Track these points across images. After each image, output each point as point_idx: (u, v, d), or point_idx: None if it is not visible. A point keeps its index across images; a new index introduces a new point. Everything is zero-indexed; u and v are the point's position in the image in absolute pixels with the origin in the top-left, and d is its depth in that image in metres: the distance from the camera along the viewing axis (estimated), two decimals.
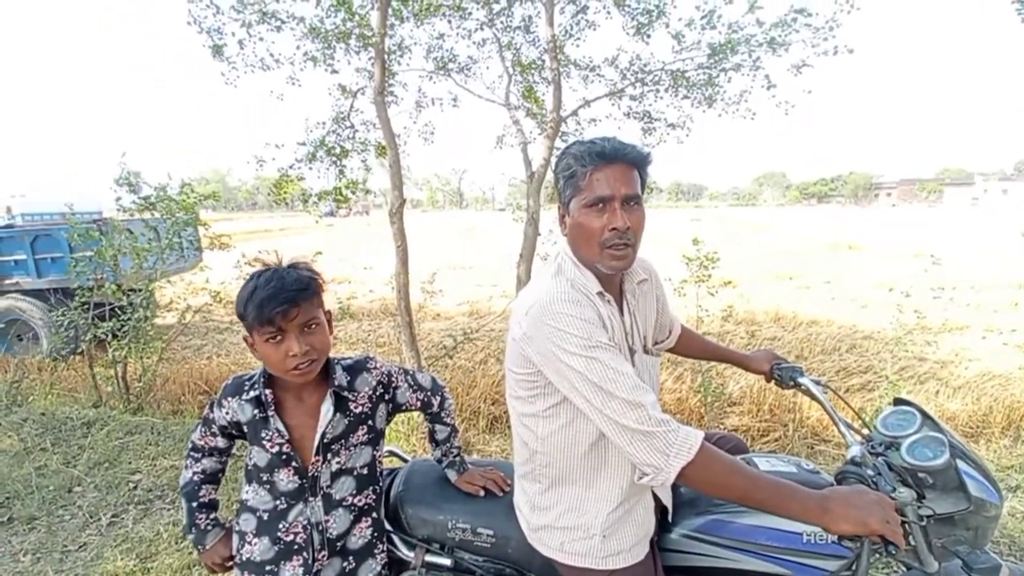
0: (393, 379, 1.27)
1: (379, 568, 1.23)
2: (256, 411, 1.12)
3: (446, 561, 1.27)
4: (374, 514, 1.24)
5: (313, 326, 1.09)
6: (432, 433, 1.41)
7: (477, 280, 10.88)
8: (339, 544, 1.17)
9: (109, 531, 2.55)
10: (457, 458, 1.41)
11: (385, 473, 1.43)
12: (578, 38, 4.61)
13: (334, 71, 4.22)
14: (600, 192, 1.05)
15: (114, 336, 4.15)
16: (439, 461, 1.42)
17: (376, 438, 1.24)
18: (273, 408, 1.12)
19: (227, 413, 1.14)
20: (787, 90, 4.33)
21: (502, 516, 1.29)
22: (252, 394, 1.12)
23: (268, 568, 1.13)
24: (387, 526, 1.32)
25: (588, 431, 1.09)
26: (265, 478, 1.14)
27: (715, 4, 4.14)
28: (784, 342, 6.44)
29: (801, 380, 1.49)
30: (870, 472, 1.15)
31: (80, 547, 2.45)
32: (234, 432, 1.18)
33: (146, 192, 4.50)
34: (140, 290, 4.75)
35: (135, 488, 2.90)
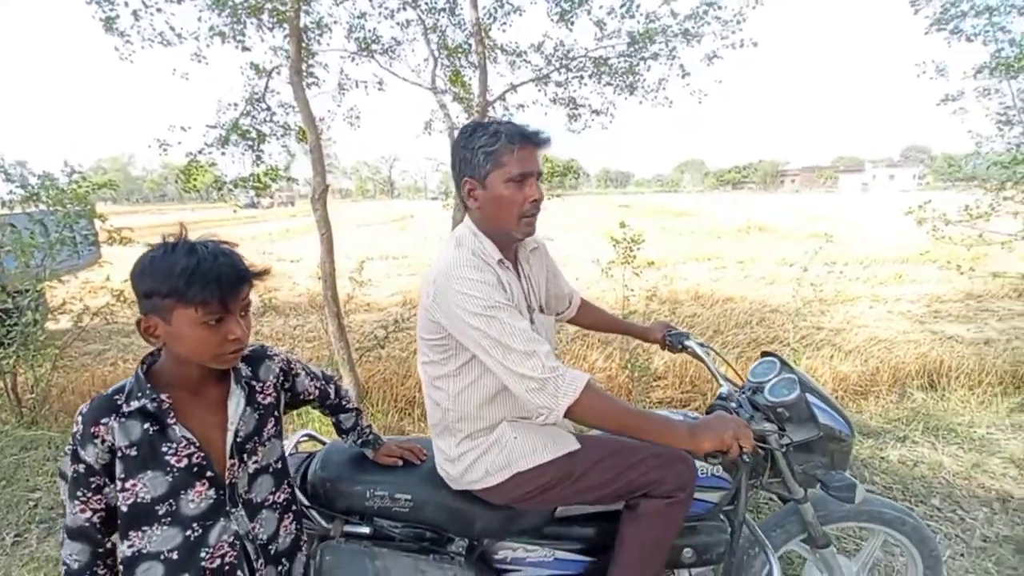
0: (292, 367, 1.21)
1: (305, 562, 1.18)
2: (147, 425, 0.94)
3: (365, 529, 1.31)
4: (293, 507, 1.17)
5: (248, 310, 1.01)
6: (338, 425, 1.39)
7: (411, 270, 10.69)
8: (271, 549, 1.08)
9: (14, 551, 2.32)
10: (371, 436, 1.42)
11: (303, 457, 1.45)
12: (504, 22, 4.60)
13: (245, 48, 3.94)
14: (525, 168, 1.19)
15: (0, 344, 3.69)
16: (354, 444, 1.42)
17: (281, 429, 1.16)
18: (170, 416, 0.96)
19: (102, 442, 0.92)
20: (702, 80, 4.60)
21: (419, 482, 1.36)
22: (134, 406, 0.94)
23: None
24: (305, 502, 1.32)
25: (492, 383, 1.22)
26: (163, 511, 0.95)
27: None
28: (702, 318, 6.89)
29: (688, 343, 1.70)
30: (733, 405, 1.41)
31: None
32: (108, 474, 0.95)
33: (31, 183, 4.01)
34: (27, 291, 4.24)
35: (35, 506, 2.63)
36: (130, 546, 0.95)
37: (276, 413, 1.13)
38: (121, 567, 0.97)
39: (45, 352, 3.97)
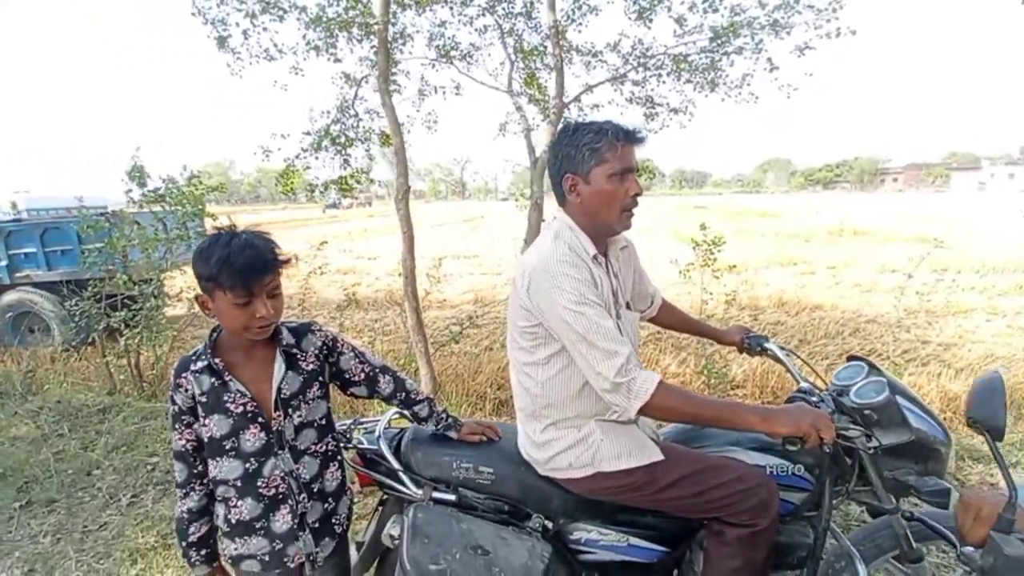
0: (338, 345, 1.35)
1: (349, 504, 1.37)
2: (212, 379, 1.16)
3: (451, 497, 1.38)
4: (338, 458, 1.35)
5: (276, 292, 1.16)
6: (416, 416, 1.49)
7: (482, 269, 10.92)
8: (315, 487, 1.26)
9: (129, 511, 2.64)
10: (450, 420, 1.51)
11: (396, 431, 1.57)
12: (580, 23, 4.60)
13: (337, 60, 4.24)
14: (628, 163, 1.24)
15: (126, 326, 4.22)
16: (436, 431, 1.50)
17: (327, 393, 1.33)
18: (228, 373, 1.17)
19: (186, 391, 1.17)
20: (790, 73, 4.33)
21: (500, 457, 1.43)
22: (201, 364, 1.17)
23: (259, 524, 1.20)
24: (397, 467, 1.43)
25: (581, 375, 1.26)
26: (229, 446, 1.17)
27: None
28: (787, 327, 6.47)
29: (768, 346, 1.67)
30: (814, 399, 1.38)
31: (101, 527, 2.54)
32: (194, 414, 1.19)
33: (154, 185, 4.55)
34: (151, 281, 4.83)
35: (153, 470, 2.99)
36: (213, 470, 1.20)
37: (320, 379, 1.30)
38: (205, 484, 1.24)
39: (164, 334, 4.48)
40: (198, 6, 3.86)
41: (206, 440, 1.18)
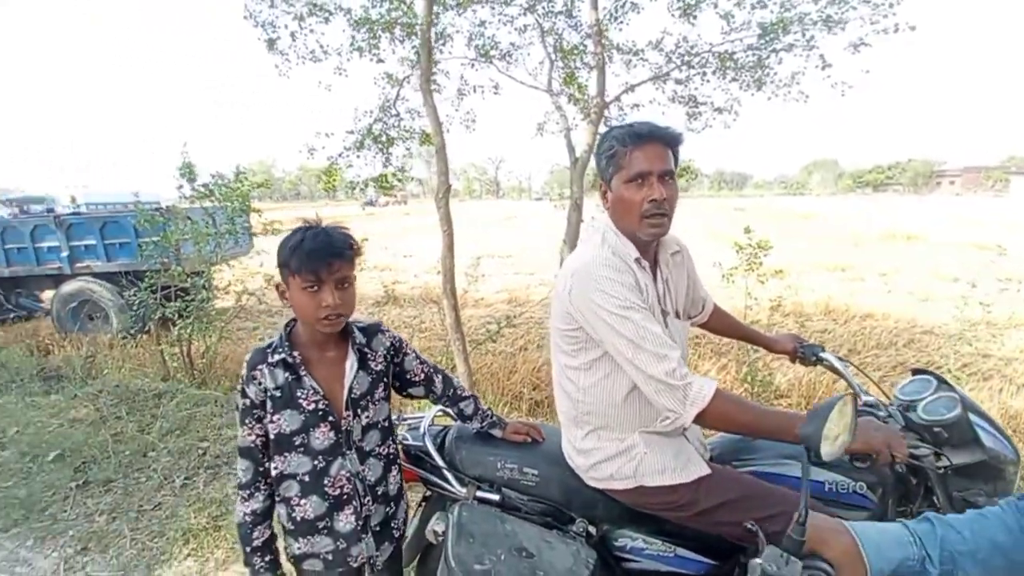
0: (403, 346, 1.37)
1: (406, 508, 1.40)
2: (287, 374, 1.17)
3: (495, 496, 1.38)
4: (398, 462, 1.36)
5: (347, 284, 1.17)
6: (460, 414, 1.49)
7: (515, 268, 10.94)
8: (379, 490, 1.28)
9: (182, 492, 2.77)
10: (495, 418, 1.51)
11: (440, 428, 1.58)
12: (621, 21, 4.54)
13: (379, 60, 4.32)
14: (639, 168, 1.19)
15: (179, 316, 4.43)
16: (480, 429, 1.51)
17: (390, 395, 1.35)
18: (303, 368, 1.18)
19: (259, 383, 1.17)
20: (842, 71, 4.14)
21: (545, 459, 1.42)
22: (277, 358, 1.17)
23: (323, 524, 1.21)
24: (441, 464, 1.44)
25: (624, 382, 1.22)
26: (299, 441, 1.18)
27: None
28: (835, 335, 6.21)
29: (823, 356, 1.60)
30: (882, 414, 1.30)
31: (155, 506, 2.67)
32: (263, 408, 1.19)
33: (202, 181, 4.76)
34: (201, 274, 5.05)
35: (204, 454, 3.12)
36: (275, 468, 1.21)
37: (385, 380, 1.32)
38: (269, 483, 1.23)
39: (213, 325, 4.68)
40: (250, 10, 4.01)
41: (273, 436, 1.18)
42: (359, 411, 1.24)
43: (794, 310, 7.07)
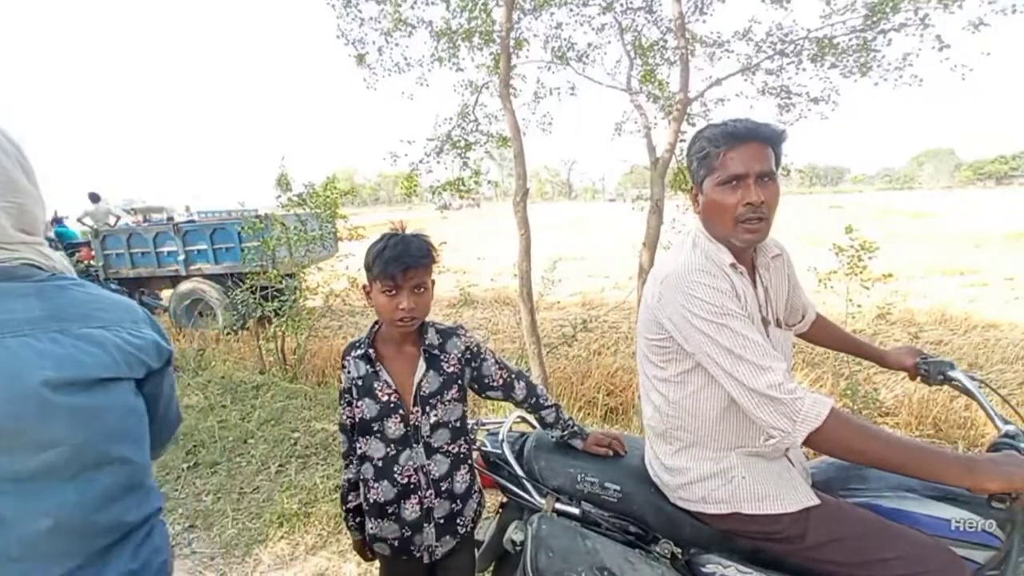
0: (481, 351, 1.38)
1: (476, 507, 1.40)
2: (367, 366, 1.28)
3: (575, 510, 1.33)
4: (469, 462, 1.37)
5: (422, 289, 1.24)
6: (541, 421, 1.47)
7: (588, 271, 10.78)
8: (443, 486, 1.30)
9: (277, 478, 2.98)
10: (576, 428, 1.47)
11: (518, 435, 1.57)
12: (706, 12, 4.32)
13: (459, 69, 4.43)
14: (733, 170, 1.10)
15: (275, 314, 4.80)
16: (560, 438, 1.47)
17: (465, 396, 1.36)
18: (380, 363, 1.28)
19: (348, 372, 1.31)
20: (959, 52, 3.67)
21: (629, 475, 1.35)
22: (360, 351, 1.30)
23: (391, 509, 1.29)
24: (520, 473, 1.42)
25: (720, 396, 1.12)
26: (376, 427, 1.28)
27: None
28: (953, 347, 5.53)
29: (953, 374, 1.39)
30: (1023, 445, 1.12)
31: (254, 490, 2.89)
32: (351, 393, 1.32)
33: (296, 190, 5.13)
34: (294, 275, 5.44)
35: (295, 444, 3.34)
36: (359, 448, 1.32)
37: (459, 382, 1.33)
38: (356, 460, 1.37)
39: (304, 324, 5.02)
40: (342, 29, 4.26)
41: (358, 420, 1.30)
42: (427, 408, 1.28)
43: (902, 318, 6.38)
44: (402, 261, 1.19)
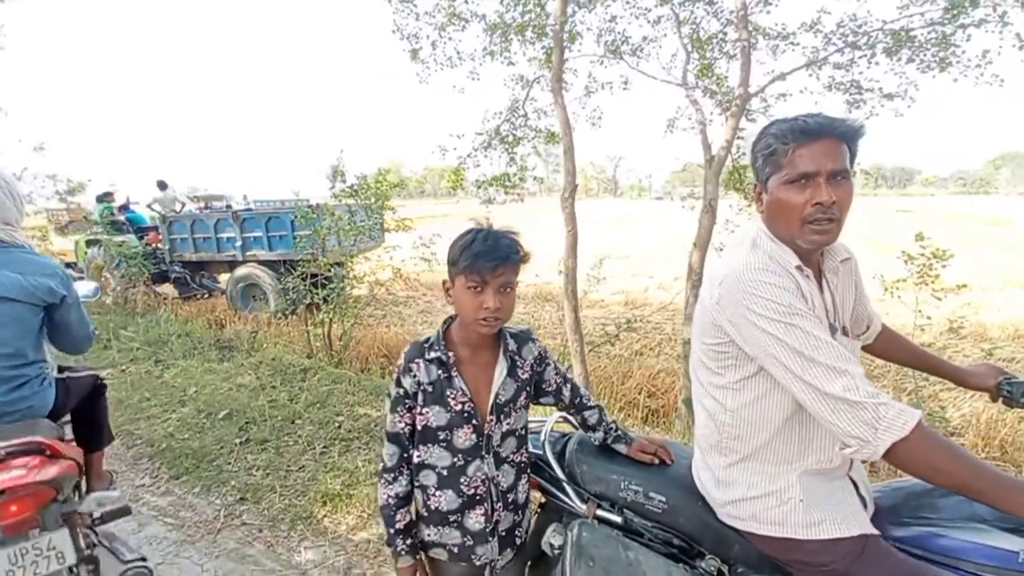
0: (546, 356, 1.34)
1: (532, 519, 1.38)
2: (440, 371, 1.19)
3: (616, 518, 1.29)
4: (528, 470, 1.34)
5: (508, 289, 1.17)
6: (584, 422, 1.43)
7: (633, 270, 10.60)
8: (510, 497, 1.27)
9: (321, 459, 3.08)
10: (619, 432, 1.43)
11: (559, 436, 1.53)
12: (770, 3, 4.13)
13: (510, 63, 4.41)
14: (803, 168, 1.02)
15: (324, 301, 4.96)
16: (603, 440, 1.43)
17: (529, 403, 1.33)
18: (456, 368, 1.20)
19: (414, 376, 1.20)
20: None
21: (676, 486, 1.29)
22: (433, 355, 1.20)
23: (454, 518, 1.23)
24: (562, 477, 1.39)
25: (783, 404, 1.06)
26: (443, 436, 1.20)
27: None
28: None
29: None
30: None
31: (300, 468, 3.00)
32: (415, 399, 1.21)
33: (349, 182, 5.27)
34: (342, 264, 5.60)
35: (339, 427, 3.45)
36: (418, 456, 1.24)
37: (529, 388, 1.30)
38: (411, 469, 1.27)
39: (350, 312, 5.16)
40: (398, 24, 4.33)
41: (420, 428, 1.22)
42: (502, 417, 1.23)
43: (973, 332, 5.94)
44: (492, 256, 1.12)
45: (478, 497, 1.23)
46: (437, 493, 1.23)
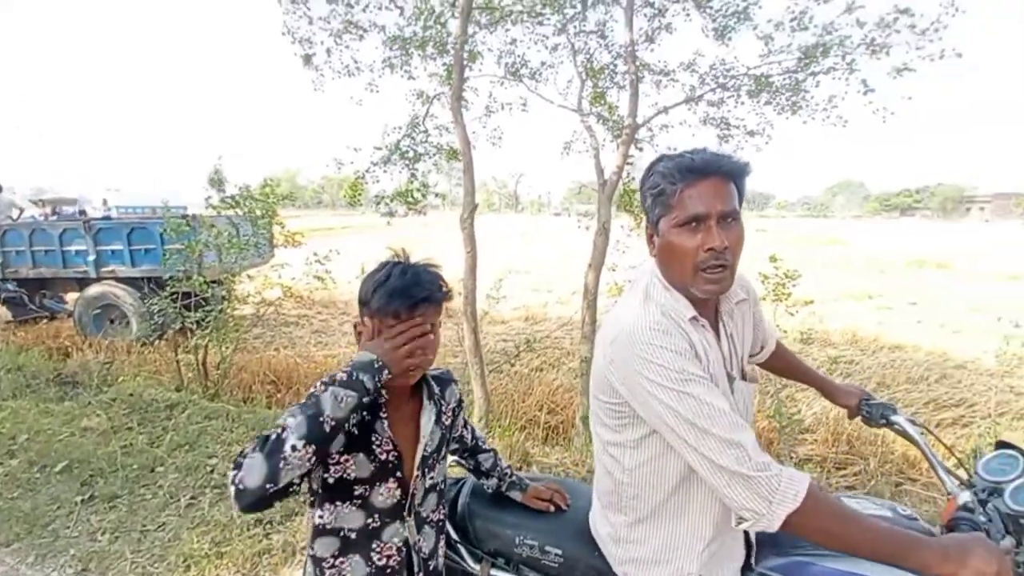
0: (463, 400, 1.25)
1: None
2: (367, 414, 1.02)
3: None
4: (444, 530, 1.21)
5: (434, 330, 1.05)
6: (477, 467, 1.36)
7: (534, 285, 10.84)
8: (431, 565, 1.13)
9: (187, 513, 2.68)
10: (514, 478, 1.37)
11: (451, 482, 1.41)
12: (654, 42, 4.47)
13: (411, 77, 4.31)
14: (693, 210, 0.98)
15: (198, 325, 4.41)
16: (497, 488, 1.36)
17: (448, 452, 1.22)
18: (384, 410, 1.03)
19: None
20: (880, 95, 4.02)
21: (571, 537, 1.25)
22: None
23: None
24: (454, 536, 1.30)
25: (678, 465, 1.03)
26: (359, 492, 1.03)
27: (806, 4, 3.90)
28: (863, 367, 5.98)
29: (894, 419, 1.39)
30: (982, 519, 1.09)
31: (159, 527, 2.58)
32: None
33: (230, 191, 4.78)
34: (222, 283, 5.04)
35: (212, 472, 3.04)
36: (320, 518, 1.04)
37: (450, 435, 1.20)
38: (311, 531, 1.07)
39: (231, 335, 4.64)
40: (288, 26, 4.04)
41: (333, 480, 1.01)
42: (427, 470, 1.10)
43: (819, 339, 6.85)
44: (410, 294, 0.99)
45: (390, 570, 1.06)
46: (339, 562, 1.04)
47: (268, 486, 0.83)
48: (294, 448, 0.84)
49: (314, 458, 0.87)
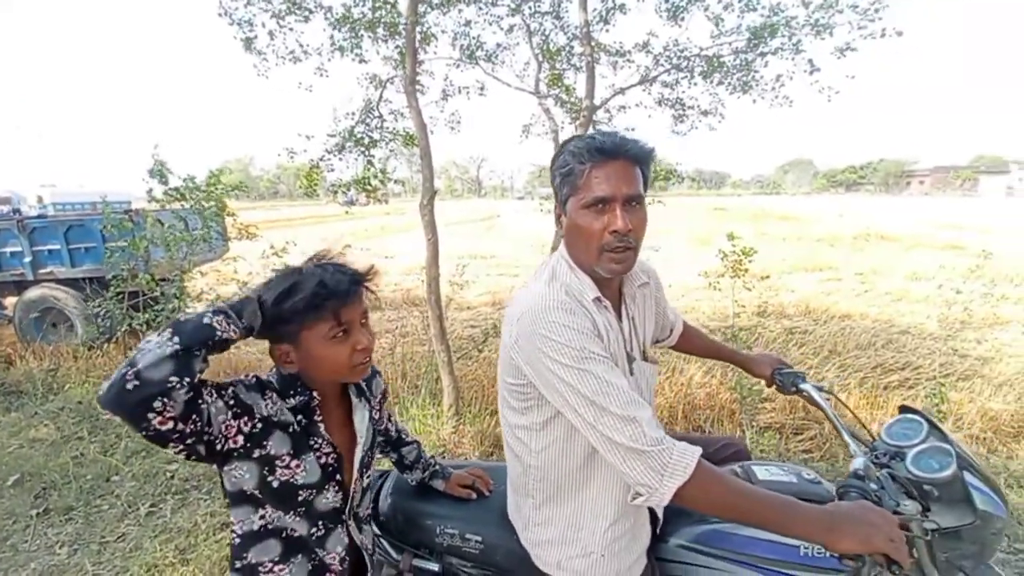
0: (387, 391, 1.22)
1: None
2: (299, 417, 0.97)
3: (434, 567, 1.26)
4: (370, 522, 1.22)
5: (367, 319, 1.02)
6: (401, 460, 1.35)
7: (499, 270, 10.83)
8: (375, 559, 1.15)
9: (148, 521, 2.59)
10: (437, 467, 1.37)
11: (375, 476, 1.41)
12: (608, 22, 4.47)
13: (363, 61, 4.16)
14: (599, 192, 1.00)
15: (147, 326, 4.21)
16: (420, 481, 1.37)
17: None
18: (320, 413, 0.99)
19: (266, 409, 0.93)
20: (826, 75, 4.16)
21: (491, 523, 1.27)
22: (300, 399, 0.98)
23: None
24: (375, 530, 1.30)
25: (582, 445, 1.06)
26: (302, 498, 0.97)
27: None
28: (815, 336, 6.26)
29: (803, 386, 1.44)
30: (873, 486, 1.09)
31: (119, 538, 2.49)
32: (269, 430, 0.93)
33: (174, 183, 4.53)
34: (172, 280, 4.81)
35: (172, 478, 2.94)
36: (260, 518, 0.97)
37: (380, 430, 1.18)
38: (239, 539, 0.98)
39: None
40: (225, 7, 3.81)
41: (278, 484, 0.94)
42: (364, 470, 1.08)
43: (775, 311, 7.13)
44: (343, 290, 0.93)
45: (330, 574, 1.04)
46: (278, 568, 0.98)
47: (172, 379, 0.78)
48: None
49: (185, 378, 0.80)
